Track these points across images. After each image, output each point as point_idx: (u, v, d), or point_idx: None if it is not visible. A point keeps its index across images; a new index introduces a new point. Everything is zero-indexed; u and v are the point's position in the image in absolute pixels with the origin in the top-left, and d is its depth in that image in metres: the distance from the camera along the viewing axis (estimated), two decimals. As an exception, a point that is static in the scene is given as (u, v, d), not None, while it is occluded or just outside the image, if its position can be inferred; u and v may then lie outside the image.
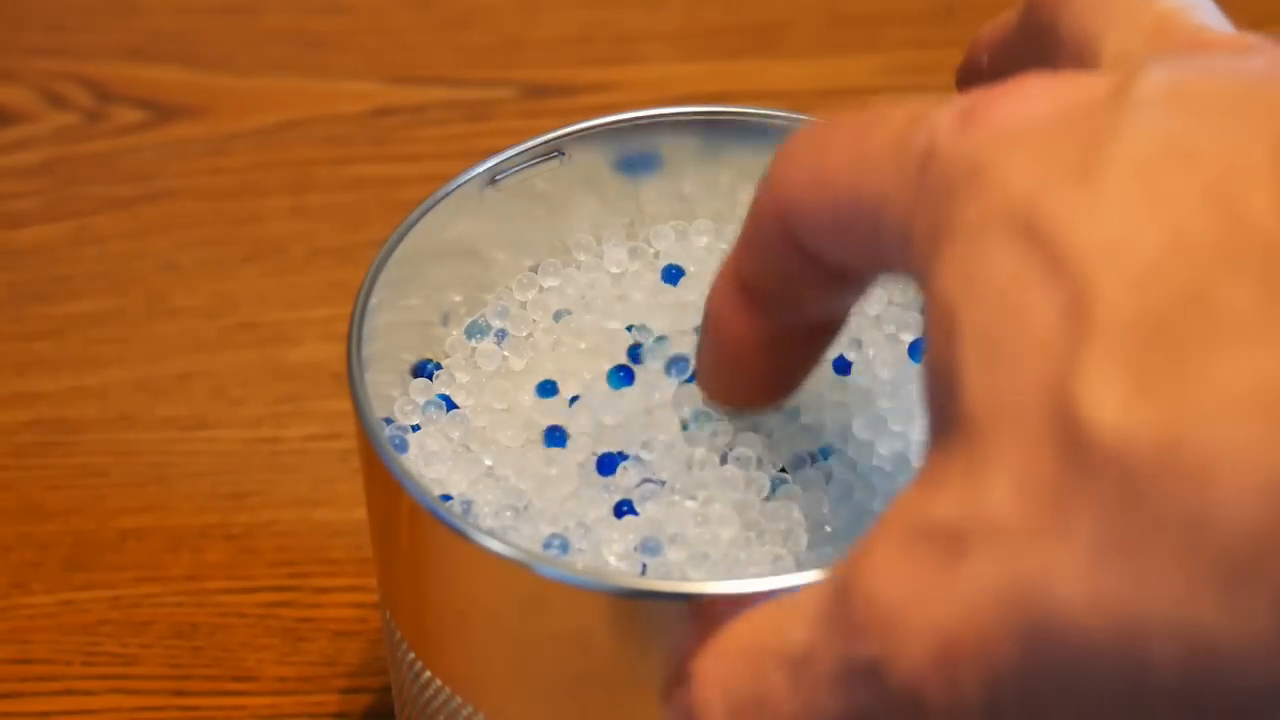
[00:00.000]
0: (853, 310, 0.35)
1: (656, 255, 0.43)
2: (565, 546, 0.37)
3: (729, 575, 0.36)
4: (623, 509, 0.37)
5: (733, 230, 0.43)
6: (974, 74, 0.38)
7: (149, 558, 0.52)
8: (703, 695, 0.31)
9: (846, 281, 0.34)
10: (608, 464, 0.38)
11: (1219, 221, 0.26)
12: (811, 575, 0.33)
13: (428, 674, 0.38)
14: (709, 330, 0.36)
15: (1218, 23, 0.33)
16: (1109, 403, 0.26)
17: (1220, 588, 0.25)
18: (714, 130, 0.42)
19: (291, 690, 0.49)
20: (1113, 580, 0.26)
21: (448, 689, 0.38)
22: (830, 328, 0.36)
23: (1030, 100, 0.29)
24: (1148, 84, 0.28)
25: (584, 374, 0.40)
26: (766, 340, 0.35)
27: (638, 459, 0.38)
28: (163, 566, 0.52)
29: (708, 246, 0.43)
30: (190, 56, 0.67)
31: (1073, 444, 0.26)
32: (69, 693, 0.49)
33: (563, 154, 0.41)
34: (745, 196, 0.43)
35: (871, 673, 0.28)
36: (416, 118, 0.65)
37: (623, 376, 0.40)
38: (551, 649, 0.35)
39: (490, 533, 0.34)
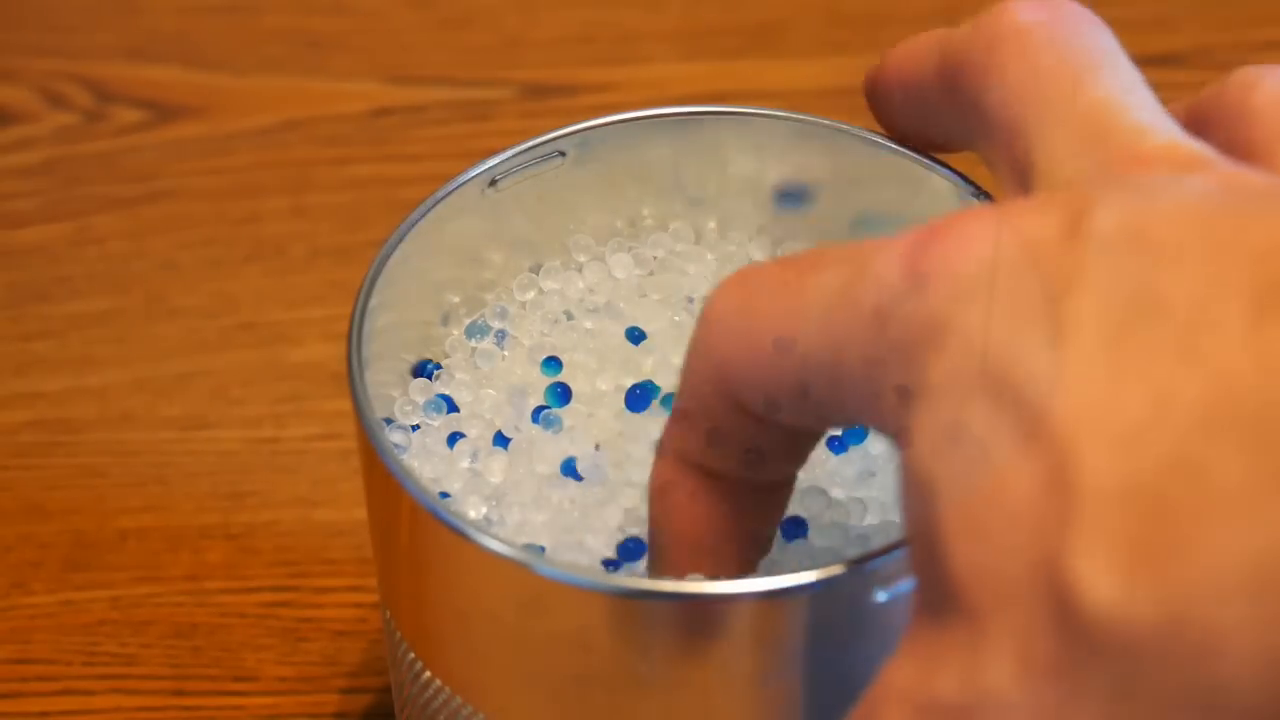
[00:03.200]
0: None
1: (657, 258, 0.43)
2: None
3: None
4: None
5: (736, 235, 0.43)
6: (885, 102, 0.37)
7: (149, 558, 0.52)
8: None
9: (805, 435, 0.33)
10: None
11: (1199, 381, 0.25)
12: (810, 576, 0.33)
13: (428, 674, 0.38)
14: (662, 524, 0.34)
15: (1151, 114, 0.31)
16: (1104, 581, 0.25)
17: None
18: (716, 130, 0.42)
19: (291, 690, 0.49)
20: None
21: (448, 689, 0.38)
22: (789, 482, 0.35)
23: (974, 243, 0.28)
24: (1100, 225, 0.27)
25: (583, 378, 0.40)
26: (730, 515, 0.34)
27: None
28: (163, 566, 0.52)
29: (710, 246, 0.43)
30: (190, 56, 0.67)
31: (1071, 623, 0.26)
32: (69, 693, 0.49)
33: (563, 154, 0.41)
34: (748, 197, 0.43)
35: None
36: (416, 118, 0.65)
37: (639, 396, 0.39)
38: (551, 649, 0.35)
39: (490, 533, 0.34)
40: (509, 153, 0.41)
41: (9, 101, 0.66)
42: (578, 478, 0.38)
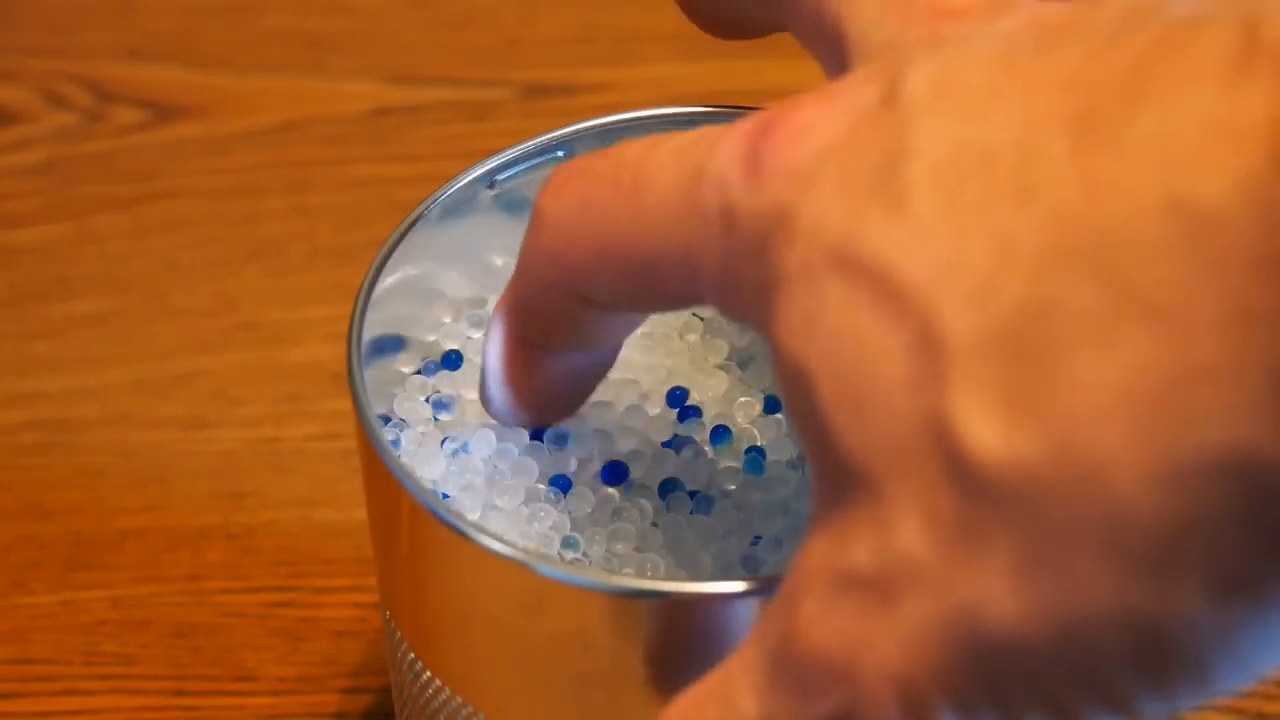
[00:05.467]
0: None
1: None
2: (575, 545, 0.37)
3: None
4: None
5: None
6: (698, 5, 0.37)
7: (149, 558, 0.52)
8: None
9: (640, 318, 0.35)
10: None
11: (1036, 220, 0.26)
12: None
13: (428, 674, 0.38)
14: (493, 381, 0.36)
15: None
16: (987, 428, 0.26)
17: (1147, 574, 0.25)
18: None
19: (291, 690, 0.49)
20: (1043, 591, 0.26)
21: (448, 689, 0.38)
22: (616, 350, 0.36)
23: (804, 131, 0.29)
24: (914, 89, 0.28)
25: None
26: (563, 382, 0.36)
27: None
28: (163, 566, 0.52)
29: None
30: (190, 56, 0.67)
31: (964, 475, 0.26)
32: (69, 693, 0.49)
33: (563, 154, 0.41)
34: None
35: None
36: (416, 118, 0.65)
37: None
38: (551, 649, 0.35)
39: (491, 533, 0.34)
40: (509, 153, 0.41)
41: (9, 101, 0.66)
42: (567, 488, 0.38)
